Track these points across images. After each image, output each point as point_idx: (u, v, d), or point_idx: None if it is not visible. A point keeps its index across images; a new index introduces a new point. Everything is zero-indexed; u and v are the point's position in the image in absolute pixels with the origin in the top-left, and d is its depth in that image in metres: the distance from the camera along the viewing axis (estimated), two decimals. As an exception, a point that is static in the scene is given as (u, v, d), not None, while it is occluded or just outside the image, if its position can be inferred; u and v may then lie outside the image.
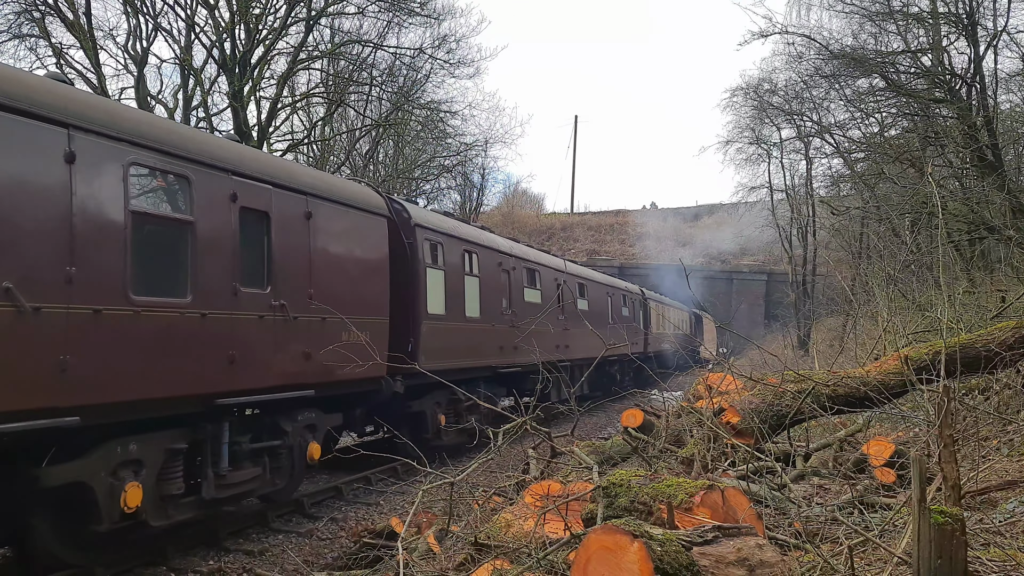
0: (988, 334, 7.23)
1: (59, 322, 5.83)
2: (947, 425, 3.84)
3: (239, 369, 7.61)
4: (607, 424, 18.32)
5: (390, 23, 23.76)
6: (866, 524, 4.51)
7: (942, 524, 2.93)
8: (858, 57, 16.83)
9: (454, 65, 25.48)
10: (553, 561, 4.02)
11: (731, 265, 46.34)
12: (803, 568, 3.81)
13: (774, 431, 6.70)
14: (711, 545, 3.59)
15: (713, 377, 8.39)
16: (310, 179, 9.40)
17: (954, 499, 3.71)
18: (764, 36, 19.17)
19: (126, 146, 6.56)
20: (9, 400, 5.48)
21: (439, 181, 34.53)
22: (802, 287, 32.58)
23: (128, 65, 22.97)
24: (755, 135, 33.14)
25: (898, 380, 6.99)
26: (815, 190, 30.75)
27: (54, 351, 5.79)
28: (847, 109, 20.58)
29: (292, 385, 8.48)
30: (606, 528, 3.54)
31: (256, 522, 9.14)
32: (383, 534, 6.98)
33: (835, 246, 27.65)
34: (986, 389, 8.23)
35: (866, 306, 16.98)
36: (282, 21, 21.73)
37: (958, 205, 15.39)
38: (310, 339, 8.75)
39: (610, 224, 53.72)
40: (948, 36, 16.16)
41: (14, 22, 20.52)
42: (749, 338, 22.93)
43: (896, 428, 8.17)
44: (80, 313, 5.99)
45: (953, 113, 15.65)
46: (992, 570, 3.63)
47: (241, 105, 20.77)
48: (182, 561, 7.75)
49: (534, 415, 6.29)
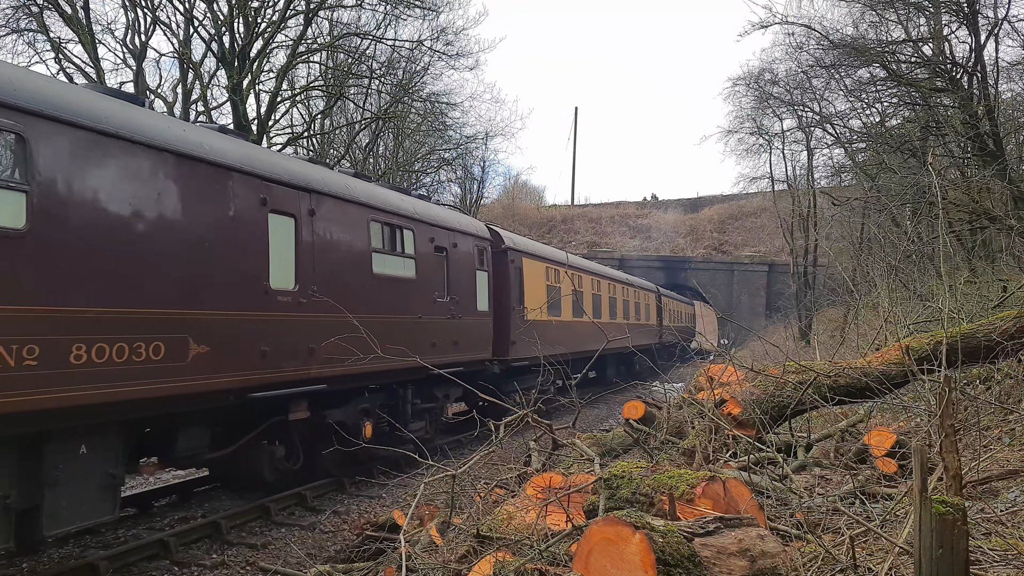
0: (989, 324, 7.22)
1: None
2: (948, 415, 3.84)
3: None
4: (608, 416, 18.34)
5: (388, 15, 23.70)
6: (867, 514, 4.51)
7: (943, 514, 2.93)
8: (858, 47, 16.78)
9: (453, 57, 25.44)
10: (555, 553, 4.03)
11: (732, 256, 46.29)
12: (805, 558, 3.81)
13: (775, 422, 6.69)
14: (713, 536, 3.59)
15: (714, 368, 8.39)
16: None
17: (955, 489, 3.71)
18: (764, 26, 19.16)
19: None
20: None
21: (439, 174, 34.50)
22: (803, 278, 32.54)
23: (127, 59, 22.95)
24: (756, 125, 33.05)
25: (899, 370, 6.98)
26: (816, 180, 30.70)
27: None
28: (848, 99, 20.54)
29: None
30: (608, 520, 3.54)
31: (259, 515, 9.17)
32: (385, 527, 6.99)
33: (836, 237, 27.59)
34: (987, 379, 8.23)
35: (867, 296, 16.97)
36: (281, 14, 21.67)
37: (959, 195, 15.35)
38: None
39: (610, 216, 53.61)
40: (949, 25, 16.12)
41: (12, 17, 20.47)
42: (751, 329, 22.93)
43: (897, 418, 8.17)
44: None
45: (954, 102, 15.61)
46: (994, 559, 3.63)
47: (240, 99, 20.73)
48: (185, 555, 7.78)
49: (535, 407, 6.30)
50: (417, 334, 11.42)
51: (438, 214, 13.11)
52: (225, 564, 7.61)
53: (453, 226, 13.26)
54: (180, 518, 9.02)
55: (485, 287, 14.37)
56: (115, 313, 6.46)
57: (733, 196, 49.95)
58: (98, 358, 6.24)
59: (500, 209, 49.82)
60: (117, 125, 6.67)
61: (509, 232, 17.17)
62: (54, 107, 6.12)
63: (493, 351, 14.52)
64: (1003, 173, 13.86)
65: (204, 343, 7.32)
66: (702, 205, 55.02)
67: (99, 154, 6.47)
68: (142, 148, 6.89)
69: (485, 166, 38.91)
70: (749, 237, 47.40)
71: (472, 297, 13.71)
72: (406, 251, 11.51)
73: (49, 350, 5.85)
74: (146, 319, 6.76)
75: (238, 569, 7.55)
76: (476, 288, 13.95)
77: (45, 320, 5.86)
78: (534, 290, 16.60)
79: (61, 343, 5.95)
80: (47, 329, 5.86)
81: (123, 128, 6.73)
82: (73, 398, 6.03)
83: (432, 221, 12.44)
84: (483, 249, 14.42)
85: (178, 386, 7.04)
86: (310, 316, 8.96)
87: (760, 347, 15.95)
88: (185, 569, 7.47)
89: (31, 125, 5.88)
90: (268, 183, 8.50)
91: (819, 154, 30.14)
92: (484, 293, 14.30)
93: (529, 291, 16.21)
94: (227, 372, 7.67)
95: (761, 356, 13.34)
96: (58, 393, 5.91)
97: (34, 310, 5.80)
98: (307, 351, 8.90)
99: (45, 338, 5.83)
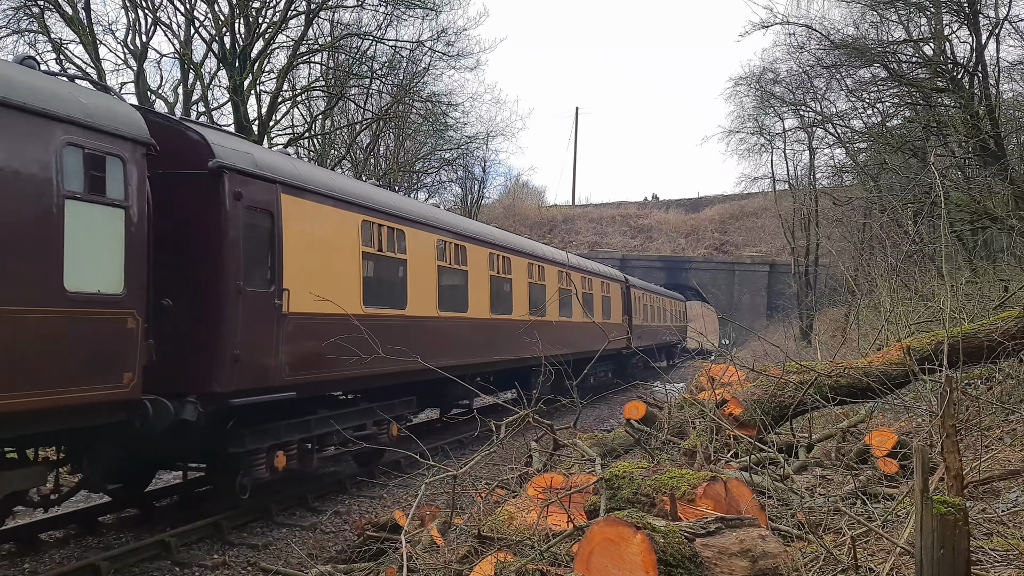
0: (991, 324, 7.22)
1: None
2: (949, 415, 3.83)
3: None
4: (609, 416, 18.33)
5: (389, 16, 23.70)
6: (869, 514, 4.50)
7: (945, 514, 2.93)
8: (859, 47, 16.77)
9: (454, 57, 25.42)
10: (556, 553, 4.03)
11: (733, 256, 46.28)
12: (806, 559, 3.81)
13: (776, 422, 6.69)
14: (714, 536, 3.59)
15: (715, 369, 8.38)
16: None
17: (956, 489, 3.70)
18: (765, 27, 19.14)
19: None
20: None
21: (440, 174, 34.49)
22: (804, 278, 32.53)
23: (128, 60, 22.93)
24: (758, 125, 33.06)
25: (901, 370, 6.98)
26: (818, 180, 30.69)
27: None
28: (849, 99, 20.55)
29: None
30: (609, 520, 3.54)
31: (260, 516, 9.17)
32: (387, 527, 6.98)
33: (837, 237, 27.58)
34: (989, 379, 8.23)
35: (868, 296, 16.95)
36: (281, 14, 21.66)
37: (961, 195, 15.35)
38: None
39: (611, 216, 53.58)
40: (950, 25, 16.11)
41: (13, 17, 20.47)
42: (752, 329, 22.92)
43: (899, 418, 8.16)
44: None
45: (955, 102, 15.60)
46: (995, 560, 3.63)
47: (241, 99, 20.73)
48: (187, 555, 7.78)
49: (536, 408, 6.30)
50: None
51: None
52: (226, 564, 7.61)
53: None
54: (181, 518, 9.02)
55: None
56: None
57: (734, 196, 49.91)
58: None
59: (501, 209, 49.78)
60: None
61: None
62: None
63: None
64: (1004, 173, 13.85)
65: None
66: (703, 205, 54.97)
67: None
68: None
69: (486, 166, 38.89)
70: (750, 237, 47.38)
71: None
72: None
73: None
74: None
75: (239, 569, 7.55)
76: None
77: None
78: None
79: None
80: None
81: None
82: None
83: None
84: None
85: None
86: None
87: (761, 347, 15.92)
88: (186, 569, 7.47)
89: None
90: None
91: (820, 154, 30.22)
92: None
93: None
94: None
95: (762, 356, 13.31)
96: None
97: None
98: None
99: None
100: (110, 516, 8.92)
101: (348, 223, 9.80)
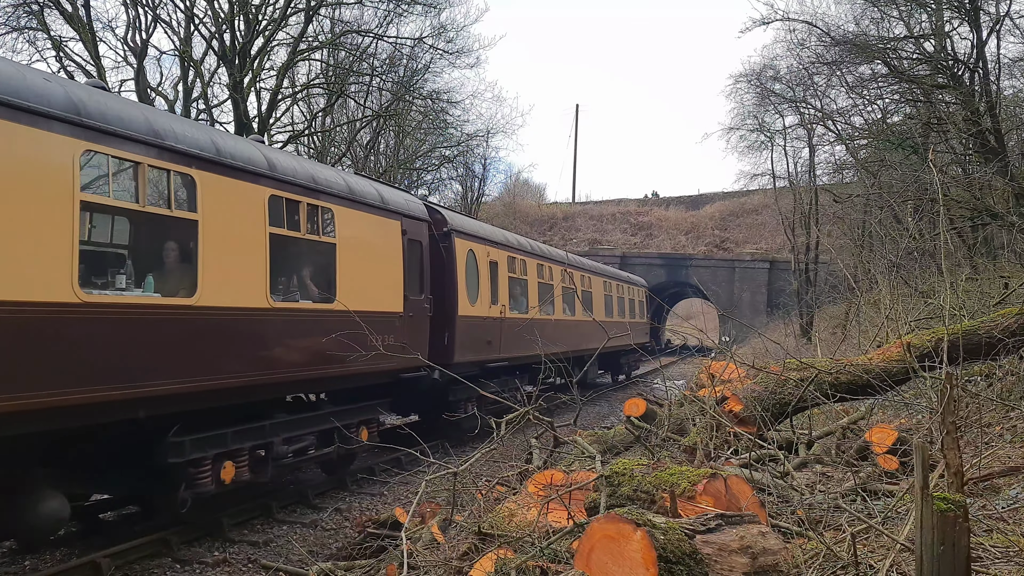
0: (991, 320, 7.22)
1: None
2: (950, 412, 3.84)
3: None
4: (609, 413, 18.35)
5: (390, 12, 23.68)
6: (869, 511, 4.51)
7: (945, 511, 2.93)
8: (860, 43, 16.75)
9: (454, 55, 25.43)
10: (556, 550, 4.03)
11: (733, 253, 46.28)
12: (806, 556, 3.82)
13: (777, 419, 6.69)
14: (714, 533, 3.59)
15: (715, 366, 8.38)
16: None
17: (957, 486, 3.71)
18: (766, 23, 19.12)
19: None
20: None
21: (440, 171, 34.48)
22: (805, 275, 32.52)
23: (128, 57, 22.94)
24: (758, 122, 33.03)
25: (901, 367, 6.98)
26: (818, 177, 30.68)
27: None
28: (849, 96, 20.53)
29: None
30: (609, 517, 3.55)
31: (261, 513, 9.18)
32: (387, 524, 7.00)
33: (838, 233, 27.58)
34: (989, 376, 8.23)
35: (868, 293, 16.96)
36: (281, 11, 21.66)
37: (961, 191, 15.34)
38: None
39: (612, 213, 53.56)
40: (951, 21, 16.08)
41: (12, 15, 20.47)
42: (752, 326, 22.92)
43: (899, 415, 8.16)
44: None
45: (956, 99, 15.58)
46: (995, 556, 3.64)
47: (241, 96, 20.73)
48: (187, 552, 7.79)
49: (536, 405, 6.30)
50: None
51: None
52: (227, 562, 7.62)
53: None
54: (181, 515, 9.02)
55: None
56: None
57: (734, 193, 49.88)
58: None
59: (501, 207, 49.76)
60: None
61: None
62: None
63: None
64: (1004, 169, 13.84)
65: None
66: (703, 202, 54.95)
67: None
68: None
69: (486, 163, 38.89)
70: (750, 234, 47.36)
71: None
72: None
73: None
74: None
75: (240, 567, 7.56)
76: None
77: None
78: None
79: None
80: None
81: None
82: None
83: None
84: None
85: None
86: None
87: (761, 344, 15.93)
88: (187, 567, 7.47)
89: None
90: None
91: (821, 151, 30.19)
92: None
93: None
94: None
95: (762, 353, 13.33)
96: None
97: None
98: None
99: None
100: (111, 513, 8.92)
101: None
